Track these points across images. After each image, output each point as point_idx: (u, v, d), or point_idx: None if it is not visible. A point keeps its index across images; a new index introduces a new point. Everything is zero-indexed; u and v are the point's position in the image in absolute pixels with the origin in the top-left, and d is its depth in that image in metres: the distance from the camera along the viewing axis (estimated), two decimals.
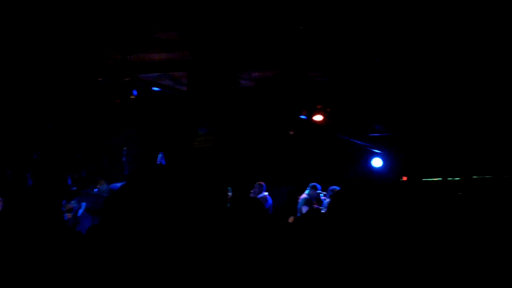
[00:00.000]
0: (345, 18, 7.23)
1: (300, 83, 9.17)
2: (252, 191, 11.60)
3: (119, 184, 9.76)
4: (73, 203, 9.78)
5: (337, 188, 11.54)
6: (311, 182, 12.00)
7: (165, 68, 9.08)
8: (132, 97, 9.37)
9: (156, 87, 10.03)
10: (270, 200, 11.58)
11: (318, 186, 11.98)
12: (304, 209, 11.41)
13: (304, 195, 11.89)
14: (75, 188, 10.30)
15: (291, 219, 11.60)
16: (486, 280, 3.39)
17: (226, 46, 8.02)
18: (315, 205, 11.75)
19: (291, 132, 11.64)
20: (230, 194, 11.20)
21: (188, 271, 2.97)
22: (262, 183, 11.76)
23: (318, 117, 10.88)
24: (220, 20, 7.34)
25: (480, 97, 10.56)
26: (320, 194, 12.06)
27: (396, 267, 3.19)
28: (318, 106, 10.64)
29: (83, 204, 9.56)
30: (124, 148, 10.67)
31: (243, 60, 8.41)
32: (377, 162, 14.86)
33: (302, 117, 11.04)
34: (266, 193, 11.69)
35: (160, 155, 10.28)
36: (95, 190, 10.16)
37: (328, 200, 11.81)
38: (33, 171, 9.88)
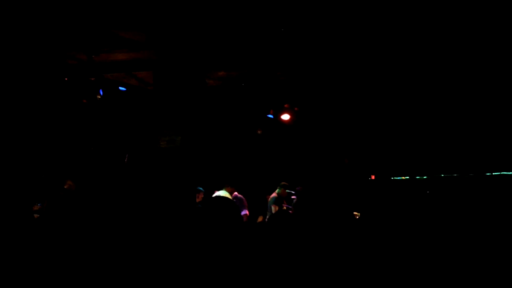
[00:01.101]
0: (308, 18, 7.28)
1: (266, 82, 9.21)
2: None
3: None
4: (40, 204, 9.70)
5: (295, 188, 11.69)
6: (280, 181, 12.06)
7: (131, 68, 9.06)
8: (98, 96, 9.31)
9: (123, 86, 10.01)
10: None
11: (288, 185, 12.03)
12: (274, 208, 11.45)
13: (274, 194, 11.93)
14: (43, 189, 10.20)
15: (260, 218, 11.64)
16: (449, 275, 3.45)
17: (191, 45, 8.02)
18: (284, 204, 11.80)
19: (259, 132, 11.67)
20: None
21: (153, 270, 2.97)
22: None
23: (285, 116, 10.93)
24: (184, 19, 7.34)
25: (447, 96, 10.70)
26: (290, 193, 12.12)
27: (363, 263, 3.22)
28: (286, 105, 10.70)
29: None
30: (91, 148, 10.59)
31: (208, 59, 8.42)
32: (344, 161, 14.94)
33: (270, 116, 11.08)
34: (236, 193, 11.71)
35: (127, 156, 10.23)
36: (64, 190, 10.08)
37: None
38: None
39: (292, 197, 12.03)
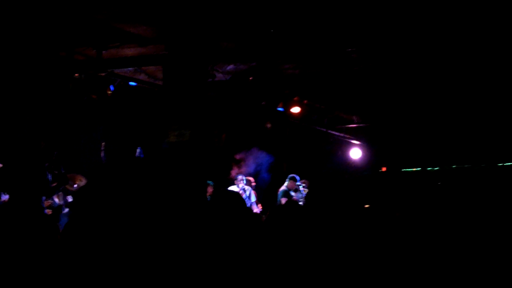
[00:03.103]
0: (317, 9, 7.27)
1: (274, 76, 9.21)
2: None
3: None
4: (52, 200, 9.79)
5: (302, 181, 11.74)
6: (289, 174, 12.08)
7: (140, 63, 9.09)
8: (109, 92, 9.37)
9: (133, 82, 10.04)
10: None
11: (297, 177, 12.05)
12: (283, 201, 11.46)
13: (283, 187, 11.95)
14: (54, 184, 10.29)
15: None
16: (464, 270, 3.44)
17: (200, 39, 8.04)
18: (294, 197, 11.82)
19: (268, 125, 11.68)
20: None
21: (165, 267, 2.98)
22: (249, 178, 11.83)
23: (295, 109, 10.93)
24: (194, 13, 7.36)
25: (458, 87, 10.65)
26: (300, 186, 12.13)
27: (374, 259, 3.21)
28: (295, 98, 10.70)
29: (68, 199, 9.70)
30: (103, 143, 10.65)
31: (217, 53, 8.44)
32: (355, 153, 14.90)
33: (279, 109, 11.08)
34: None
35: (138, 150, 10.28)
36: (75, 186, 10.16)
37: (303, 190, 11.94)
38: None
39: (301, 188, 12.04)
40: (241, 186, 11.17)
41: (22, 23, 7.28)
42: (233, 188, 11.03)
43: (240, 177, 11.40)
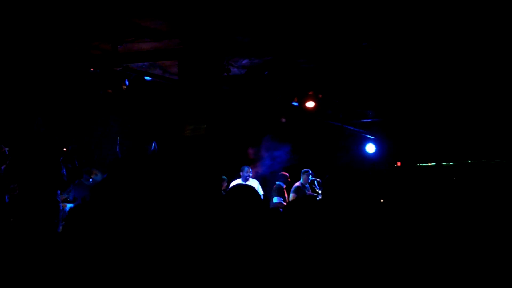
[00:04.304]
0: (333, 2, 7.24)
1: (289, 70, 9.19)
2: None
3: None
4: (67, 194, 9.86)
5: (324, 176, 11.59)
6: (303, 168, 12.03)
7: (156, 57, 9.11)
8: (124, 86, 9.38)
9: (148, 76, 10.06)
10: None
11: (311, 172, 11.99)
12: (293, 196, 11.38)
13: (297, 183, 11.88)
14: (69, 178, 10.36)
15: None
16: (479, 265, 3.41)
17: (215, 33, 8.04)
18: (308, 192, 11.76)
19: (283, 120, 11.66)
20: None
21: (180, 261, 2.97)
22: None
23: (310, 104, 10.89)
24: (208, 8, 7.35)
25: (473, 81, 10.59)
26: (315, 181, 12.06)
27: (390, 257, 3.18)
28: (310, 93, 10.66)
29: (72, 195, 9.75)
30: (118, 138, 10.70)
31: (232, 47, 8.43)
32: (370, 148, 14.87)
33: (294, 103, 11.05)
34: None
35: (153, 144, 10.32)
36: (90, 180, 10.22)
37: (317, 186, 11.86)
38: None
39: (316, 183, 11.97)
40: (245, 179, 11.11)
41: (40, 17, 7.31)
42: (237, 181, 11.00)
43: (246, 169, 11.33)
